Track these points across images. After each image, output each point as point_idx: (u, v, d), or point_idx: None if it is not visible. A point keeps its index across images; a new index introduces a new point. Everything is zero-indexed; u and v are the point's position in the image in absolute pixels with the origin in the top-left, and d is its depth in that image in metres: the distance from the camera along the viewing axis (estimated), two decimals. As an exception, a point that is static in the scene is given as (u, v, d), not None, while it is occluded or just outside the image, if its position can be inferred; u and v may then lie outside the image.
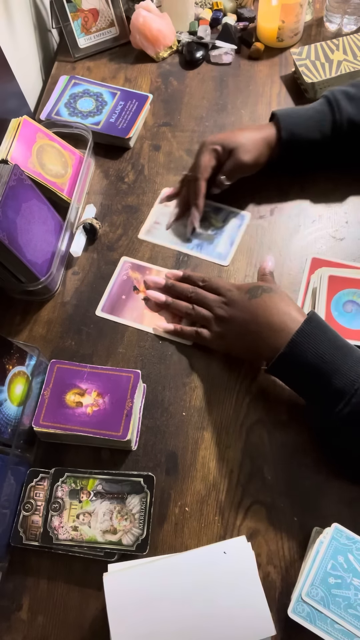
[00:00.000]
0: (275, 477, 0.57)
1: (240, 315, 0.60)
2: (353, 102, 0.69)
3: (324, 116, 0.69)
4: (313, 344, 0.53)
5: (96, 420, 0.58)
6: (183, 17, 0.97)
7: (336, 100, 0.69)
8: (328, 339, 0.54)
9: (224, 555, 0.48)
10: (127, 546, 0.53)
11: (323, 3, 0.96)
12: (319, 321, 0.55)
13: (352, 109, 0.69)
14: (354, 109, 0.68)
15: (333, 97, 0.70)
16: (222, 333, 0.62)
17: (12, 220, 0.61)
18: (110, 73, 0.94)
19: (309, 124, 0.69)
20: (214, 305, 0.63)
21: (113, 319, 0.69)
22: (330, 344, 0.53)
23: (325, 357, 0.52)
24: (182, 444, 0.60)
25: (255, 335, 0.57)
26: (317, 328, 0.54)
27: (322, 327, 0.55)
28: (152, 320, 0.68)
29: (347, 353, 0.53)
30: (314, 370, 0.53)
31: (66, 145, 0.78)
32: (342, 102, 0.69)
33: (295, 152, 0.71)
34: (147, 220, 0.77)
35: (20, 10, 0.89)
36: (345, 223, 0.74)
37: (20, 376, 0.59)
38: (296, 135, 0.69)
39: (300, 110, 0.71)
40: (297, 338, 0.53)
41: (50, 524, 0.55)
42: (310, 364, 0.53)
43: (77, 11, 0.92)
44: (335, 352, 0.53)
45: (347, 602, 0.48)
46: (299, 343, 0.53)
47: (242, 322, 0.59)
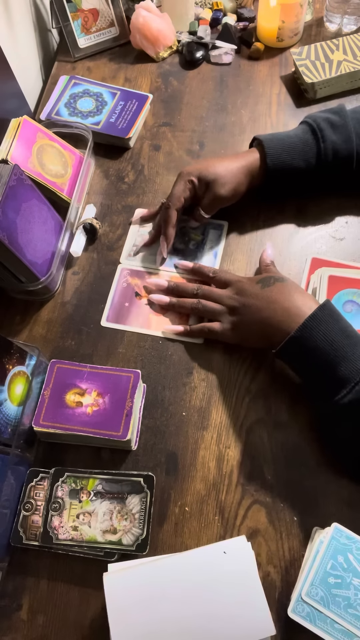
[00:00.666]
0: (275, 477, 0.57)
1: (253, 303, 0.60)
2: (337, 131, 0.68)
3: (308, 146, 0.68)
4: (324, 329, 0.54)
5: (96, 420, 0.58)
6: (183, 17, 0.97)
7: (320, 129, 0.68)
8: (339, 327, 0.54)
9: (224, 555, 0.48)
10: (127, 546, 0.53)
11: (323, 3, 0.96)
12: (332, 309, 0.56)
13: (336, 138, 0.67)
14: (339, 138, 0.67)
15: (317, 126, 0.68)
16: (235, 323, 0.62)
17: (12, 220, 0.61)
18: (110, 73, 0.94)
19: (294, 152, 0.68)
20: (224, 298, 0.63)
21: (119, 327, 0.68)
22: (341, 332, 0.54)
23: (334, 344, 0.53)
24: (182, 444, 0.60)
25: (269, 321, 0.58)
26: (330, 315, 0.55)
27: (334, 315, 0.55)
28: (159, 324, 0.68)
29: (357, 342, 0.54)
30: (322, 355, 0.54)
31: (66, 145, 0.78)
32: (326, 131, 0.68)
33: (280, 179, 0.70)
34: (126, 244, 0.75)
35: (20, 10, 0.89)
36: (345, 223, 0.74)
37: (20, 376, 0.59)
38: (280, 164, 0.68)
39: (283, 137, 0.69)
40: (308, 322, 0.54)
41: (50, 524, 0.55)
42: (319, 348, 0.54)
43: (77, 11, 0.92)
44: (344, 341, 0.54)
45: (347, 602, 0.48)
46: (309, 327, 0.54)
47: (255, 309, 0.60)
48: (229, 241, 0.74)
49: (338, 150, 0.68)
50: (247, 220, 0.76)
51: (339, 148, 0.68)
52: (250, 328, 0.61)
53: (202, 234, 0.75)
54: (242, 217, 0.76)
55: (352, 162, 0.68)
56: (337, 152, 0.68)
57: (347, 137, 0.68)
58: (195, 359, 0.65)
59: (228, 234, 0.75)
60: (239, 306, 0.61)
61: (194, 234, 0.75)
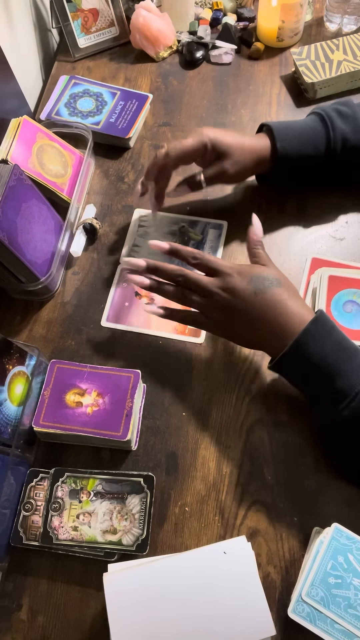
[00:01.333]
0: (275, 477, 0.57)
1: (245, 309, 0.55)
2: (346, 120, 0.68)
3: (317, 133, 0.68)
4: (317, 344, 0.52)
5: (96, 420, 0.58)
6: (183, 17, 0.97)
7: (330, 118, 0.68)
8: (333, 341, 0.53)
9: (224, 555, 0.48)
10: (127, 546, 0.53)
11: (323, 3, 0.96)
12: (325, 321, 0.54)
13: (345, 127, 0.67)
14: (348, 127, 0.67)
15: (326, 115, 0.68)
16: (224, 323, 0.57)
17: (12, 220, 0.61)
18: (110, 73, 0.94)
19: (303, 139, 0.68)
20: (211, 289, 0.56)
21: (120, 327, 0.68)
22: (335, 346, 0.53)
23: (328, 358, 0.52)
24: (182, 444, 0.60)
25: (261, 333, 0.55)
26: (323, 328, 0.53)
27: (327, 328, 0.53)
28: (159, 324, 0.68)
29: (351, 355, 0.52)
30: (316, 371, 0.52)
31: (66, 145, 0.78)
32: (336, 120, 0.68)
33: (289, 167, 0.69)
34: (125, 244, 0.75)
35: (20, 10, 0.89)
36: (345, 223, 0.74)
37: (20, 376, 0.59)
38: (290, 150, 0.67)
39: (292, 124, 0.69)
40: (301, 339, 0.52)
41: (50, 524, 0.55)
42: (313, 364, 0.52)
43: (77, 11, 0.92)
44: (339, 354, 0.52)
45: (347, 602, 0.48)
46: (302, 344, 0.52)
47: (248, 318, 0.55)
48: (228, 241, 0.74)
49: (347, 139, 0.67)
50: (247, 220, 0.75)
51: (348, 137, 0.67)
52: (239, 332, 0.58)
53: (201, 233, 0.75)
54: (242, 217, 0.76)
55: None
56: (346, 141, 0.67)
57: (356, 127, 0.67)
58: (195, 359, 0.65)
59: (228, 234, 0.75)
60: (228, 307, 0.56)
61: (194, 234, 0.75)
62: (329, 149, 0.68)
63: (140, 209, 0.78)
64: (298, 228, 0.74)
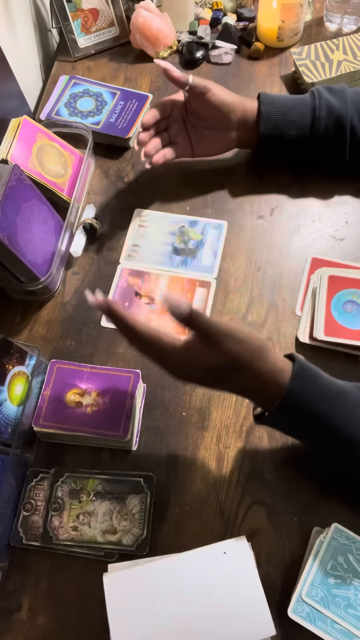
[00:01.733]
0: (275, 477, 0.57)
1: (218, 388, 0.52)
2: (333, 94, 0.70)
3: (304, 102, 0.70)
4: (304, 402, 0.48)
5: (96, 420, 0.58)
6: (183, 17, 0.97)
7: (317, 90, 0.71)
8: (314, 404, 0.48)
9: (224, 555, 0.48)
10: (127, 546, 0.53)
11: (323, 3, 0.96)
12: (305, 378, 0.49)
13: (332, 98, 0.70)
14: (335, 99, 0.70)
15: (315, 89, 0.71)
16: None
17: (12, 220, 0.61)
18: (110, 73, 0.94)
19: (289, 104, 0.70)
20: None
21: None
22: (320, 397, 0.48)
23: (317, 415, 0.48)
24: (182, 444, 0.60)
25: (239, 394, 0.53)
26: (305, 384, 0.48)
27: (309, 383, 0.49)
28: (159, 325, 0.68)
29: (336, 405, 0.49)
30: (305, 428, 0.50)
31: (66, 145, 0.78)
32: (323, 91, 0.70)
33: (273, 132, 0.70)
34: (125, 244, 0.75)
35: (20, 10, 0.89)
36: (345, 223, 0.74)
37: (20, 376, 0.59)
38: (274, 112, 0.70)
39: (283, 95, 0.73)
40: (280, 408, 0.48)
41: (50, 524, 0.55)
42: (301, 422, 0.49)
43: (77, 11, 0.92)
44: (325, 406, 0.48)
45: (347, 602, 0.48)
46: (282, 413, 0.49)
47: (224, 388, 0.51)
48: (228, 241, 0.74)
49: (332, 107, 0.69)
50: (247, 220, 0.76)
51: (334, 106, 0.69)
52: None
53: (201, 233, 0.75)
54: (242, 217, 0.76)
55: (346, 126, 0.69)
56: (332, 109, 0.69)
57: (343, 99, 0.70)
58: (195, 359, 0.65)
59: (228, 233, 0.75)
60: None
61: (193, 233, 0.75)
62: (314, 115, 0.69)
63: (140, 209, 0.78)
64: (298, 228, 0.74)
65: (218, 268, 0.72)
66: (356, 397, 0.49)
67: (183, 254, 0.73)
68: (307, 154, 0.72)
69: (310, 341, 0.64)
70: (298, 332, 0.65)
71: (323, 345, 0.64)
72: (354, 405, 0.49)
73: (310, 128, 0.70)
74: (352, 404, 0.49)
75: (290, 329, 0.66)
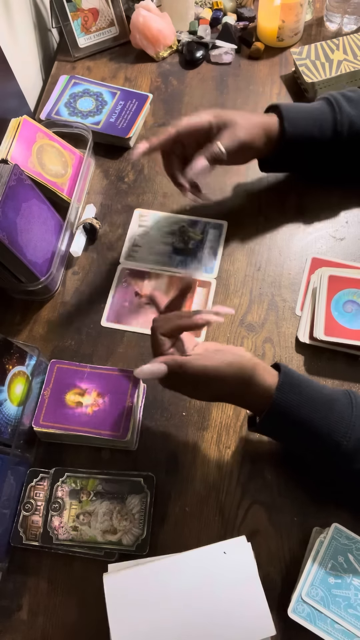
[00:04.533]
0: (276, 477, 0.57)
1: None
2: (353, 104, 0.68)
3: (325, 115, 0.68)
4: (289, 411, 0.49)
5: (96, 420, 0.58)
6: (183, 17, 0.97)
7: (337, 101, 0.68)
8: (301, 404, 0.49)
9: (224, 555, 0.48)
10: (127, 546, 0.53)
11: (323, 3, 0.96)
12: (290, 387, 0.50)
13: (352, 111, 0.67)
14: (355, 111, 0.67)
15: (333, 98, 0.68)
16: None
17: (12, 220, 0.61)
18: (110, 73, 0.94)
19: (310, 119, 0.67)
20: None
21: (119, 327, 0.68)
22: (305, 405, 0.49)
23: (303, 424, 0.49)
24: (182, 444, 0.60)
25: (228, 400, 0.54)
26: (290, 393, 0.49)
27: (294, 392, 0.49)
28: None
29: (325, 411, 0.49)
30: (293, 436, 0.51)
31: (66, 145, 0.78)
32: (343, 103, 0.68)
33: (295, 148, 0.68)
34: (125, 244, 0.75)
35: (20, 10, 0.89)
36: (346, 223, 0.74)
37: (20, 376, 0.58)
38: (297, 129, 0.66)
39: (301, 105, 0.68)
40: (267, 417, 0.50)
41: (50, 524, 0.55)
42: (288, 431, 0.50)
43: (77, 11, 0.92)
44: (313, 415, 0.49)
45: (347, 602, 0.48)
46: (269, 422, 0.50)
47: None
48: (228, 241, 0.74)
49: (353, 122, 0.67)
50: (247, 220, 0.76)
51: (355, 121, 0.67)
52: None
53: (201, 233, 0.75)
54: (242, 217, 0.76)
55: None
56: (353, 124, 0.67)
57: None
58: (195, 359, 0.65)
59: (228, 233, 0.75)
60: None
61: (193, 233, 0.75)
62: (336, 131, 0.67)
63: (140, 208, 0.78)
64: (298, 228, 0.74)
65: (218, 268, 0.72)
66: (343, 405, 0.50)
67: (183, 253, 0.73)
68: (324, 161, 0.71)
69: (310, 341, 0.64)
70: (298, 332, 0.65)
71: (323, 345, 0.64)
72: (340, 413, 0.49)
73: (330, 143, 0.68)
74: (339, 412, 0.49)
75: (290, 329, 0.66)
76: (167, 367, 0.48)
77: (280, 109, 0.67)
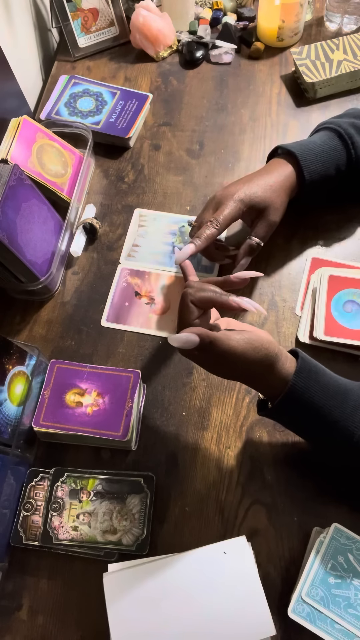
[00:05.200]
0: (275, 477, 0.57)
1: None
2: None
3: (339, 153, 0.66)
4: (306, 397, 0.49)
5: (96, 420, 0.58)
6: (183, 17, 0.97)
7: (349, 136, 0.65)
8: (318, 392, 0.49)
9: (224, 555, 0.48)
10: (127, 546, 0.53)
11: (323, 2, 0.96)
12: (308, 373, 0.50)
13: None
14: None
15: (345, 132, 0.66)
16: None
17: (12, 220, 0.61)
18: (110, 72, 0.94)
19: (326, 162, 0.65)
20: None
21: (119, 327, 0.68)
22: (322, 393, 0.49)
23: (318, 411, 0.49)
24: (182, 444, 0.60)
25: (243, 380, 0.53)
26: (308, 380, 0.49)
27: (312, 379, 0.50)
28: (159, 324, 0.68)
29: (342, 401, 0.49)
30: (306, 423, 0.51)
31: (66, 145, 0.78)
32: (355, 137, 0.66)
33: (314, 190, 0.67)
34: (125, 244, 0.75)
35: (20, 9, 0.89)
36: (346, 223, 0.74)
37: (20, 376, 0.58)
38: (316, 175, 0.65)
39: (311, 146, 0.66)
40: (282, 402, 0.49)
41: (50, 524, 0.55)
42: (302, 417, 0.50)
43: (77, 10, 0.92)
44: (328, 402, 0.49)
45: (347, 602, 0.48)
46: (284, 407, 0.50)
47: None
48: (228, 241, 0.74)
49: None
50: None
51: None
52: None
53: None
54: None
55: None
56: None
57: None
58: (195, 359, 0.65)
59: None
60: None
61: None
62: (351, 167, 0.66)
63: (140, 208, 0.78)
64: (298, 228, 0.74)
65: (218, 268, 0.72)
66: (358, 395, 0.50)
67: None
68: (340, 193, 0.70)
69: (310, 341, 0.64)
70: (298, 332, 0.65)
71: (323, 345, 0.64)
72: (355, 404, 0.49)
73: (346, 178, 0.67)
74: (354, 402, 0.49)
75: (290, 328, 0.66)
76: (199, 340, 0.47)
77: (296, 156, 0.64)
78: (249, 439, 0.60)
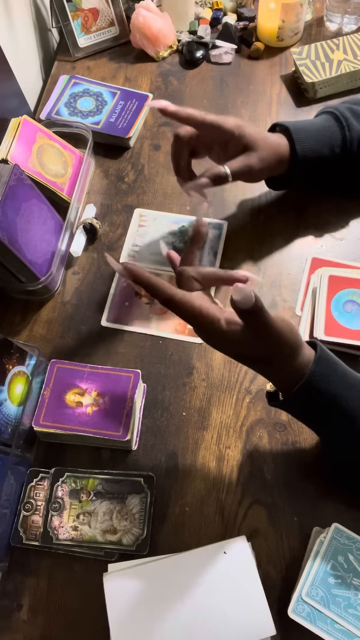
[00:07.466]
0: (275, 477, 0.57)
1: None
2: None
3: (334, 133, 0.65)
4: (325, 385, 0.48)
5: (96, 420, 0.58)
6: (183, 17, 0.97)
7: (345, 118, 0.65)
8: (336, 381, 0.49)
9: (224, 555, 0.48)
10: (127, 546, 0.53)
11: (323, 2, 0.96)
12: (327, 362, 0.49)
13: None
14: None
15: (341, 114, 0.66)
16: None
17: (12, 220, 0.61)
18: (110, 72, 0.94)
19: (320, 139, 0.65)
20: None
21: (119, 327, 0.68)
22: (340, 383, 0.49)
23: (336, 399, 0.48)
24: (182, 444, 0.60)
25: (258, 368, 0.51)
26: (328, 369, 0.49)
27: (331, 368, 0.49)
28: (159, 324, 0.68)
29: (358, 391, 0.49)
30: (323, 413, 0.50)
31: (66, 144, 0.78)
32: (351, 119, 0.66)
33: (305, 167, 0.66)
34: (125, 244, 0.75)
35: (20, 9, 0.89)
36: (346, 223, 0.74)
37: (20, 376, 0.59)
38: (307, 151, 0.64)
39: (307, 124, 0.66)
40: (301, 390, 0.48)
41: (50, 524, 0.55)
42: (320, 406, 0.49)
43: (77, 10, 0.92)
44: (345, 392, 0.49)
45: (347, 602, 0.48)
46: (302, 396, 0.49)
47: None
48: (229, 241, 0.74)
49: None
50: (247, 220, 0.76)
51: None
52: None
53: None
54: (242, 217, 0.76)
55: None
56: None
57: None
58: (196, 359, 0.65)
59: (228, 233, 0.75)
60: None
61: None
62: (345, 149, 0.66)
63: (140, 208, 0.78)
64: (298, 228, 0.74)
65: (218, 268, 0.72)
66: None
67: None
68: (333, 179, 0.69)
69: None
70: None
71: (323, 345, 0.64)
72: None
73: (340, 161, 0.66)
74: None
75: (290, 328, 0.66)
76: (255, 300, 0.44)
77: (290, 130, 0.65)
78: (249, 439, 0.60)
